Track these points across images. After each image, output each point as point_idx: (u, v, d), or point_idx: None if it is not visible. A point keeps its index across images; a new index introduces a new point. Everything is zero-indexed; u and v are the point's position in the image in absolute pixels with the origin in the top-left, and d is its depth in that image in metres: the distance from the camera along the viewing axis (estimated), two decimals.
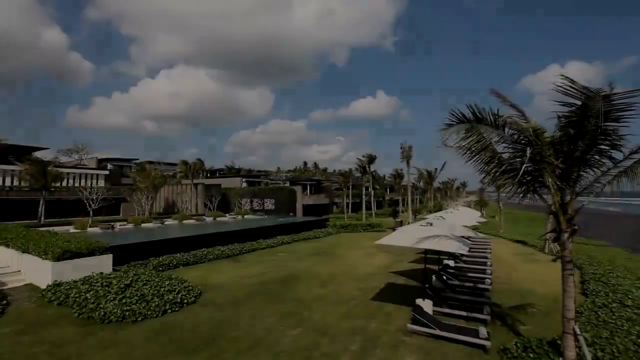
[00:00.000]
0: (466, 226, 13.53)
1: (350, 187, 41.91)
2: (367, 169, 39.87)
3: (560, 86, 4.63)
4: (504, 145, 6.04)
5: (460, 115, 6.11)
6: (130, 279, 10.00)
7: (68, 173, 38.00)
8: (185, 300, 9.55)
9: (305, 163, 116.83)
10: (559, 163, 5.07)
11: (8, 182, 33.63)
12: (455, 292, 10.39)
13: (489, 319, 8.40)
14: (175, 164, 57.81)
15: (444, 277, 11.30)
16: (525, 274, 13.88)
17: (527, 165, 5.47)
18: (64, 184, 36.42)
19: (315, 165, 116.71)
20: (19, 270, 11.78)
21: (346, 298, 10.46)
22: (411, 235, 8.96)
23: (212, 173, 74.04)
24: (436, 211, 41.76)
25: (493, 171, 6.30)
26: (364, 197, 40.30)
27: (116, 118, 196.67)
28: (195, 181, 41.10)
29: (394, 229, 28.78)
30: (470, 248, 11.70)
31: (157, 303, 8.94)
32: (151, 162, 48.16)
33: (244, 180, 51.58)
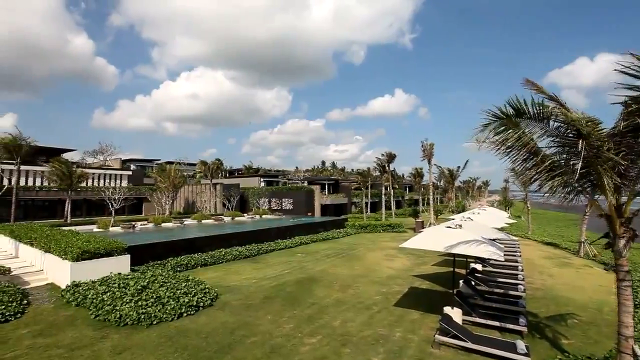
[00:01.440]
0: (495, 228, 12.73)
1: (369, 186, 41.06)
2: (387, 167, 38.97)
3: (629, 67, 3.95)
4: (549, 140, 5.38)
5: (498, 111, 5.57)
6: (147, 280, 9.86)
7: (93, 173, 39.27)
8: (202, 304, 9.30)
9: (323, 162, 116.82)
10: (620, 159, 4.37)
11: (38, 183, 35.05)
12: (485, 299, 9.67)
13: (526, 331, 7.68)
14: (194, 164, 58.77)
15: (473, 283, 10.58)
16: (560, 279, 12.92)
17: (577, 162, 4.80)
18: (89, 184, 37.59)
19: (333, 164, 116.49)
20: (42, 270, 11.92)
21: (367, 303, 9.96)
22: (440, 238, 8.33)
23: (231, 173, 74.96)
24: (459, 211, 40.44)
25: (534, 169, 5.67)
26: (383, 196, 39.46)
27: (139, 120, 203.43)
28: (214, 181, 41.44)
29: (414, 230, 27.93)
30: None
31: (172, 306, 8.72)
32: (171, 163, 49.02)
33: (262, 180, 51.78)
